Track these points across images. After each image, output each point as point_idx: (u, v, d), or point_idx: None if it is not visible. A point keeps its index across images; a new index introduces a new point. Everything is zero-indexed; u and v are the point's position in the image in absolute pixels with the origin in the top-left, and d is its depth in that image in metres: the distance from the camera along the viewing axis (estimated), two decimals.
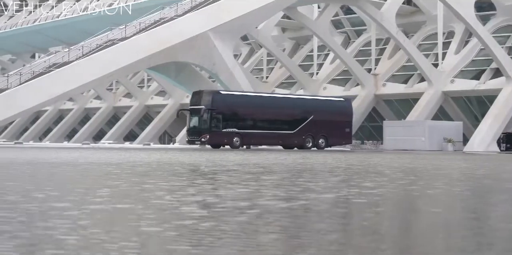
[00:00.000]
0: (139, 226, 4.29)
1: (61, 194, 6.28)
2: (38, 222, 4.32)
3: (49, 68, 44.91)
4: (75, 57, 46.05)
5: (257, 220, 4.73)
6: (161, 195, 6.33)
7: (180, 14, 50.26)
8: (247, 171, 11.87)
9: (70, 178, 9.13)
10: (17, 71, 47.17)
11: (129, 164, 13.96)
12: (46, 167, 12.08)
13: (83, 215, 4.75)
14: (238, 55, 73.10)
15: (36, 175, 9.77)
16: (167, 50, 47.53)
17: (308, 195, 6.72)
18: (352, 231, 4.47)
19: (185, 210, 5.19)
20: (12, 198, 5.82)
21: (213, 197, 6.29)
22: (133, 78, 77.08)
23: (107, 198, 5.88)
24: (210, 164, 14.40)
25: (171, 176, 9.56)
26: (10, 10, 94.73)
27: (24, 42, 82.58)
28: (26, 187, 7.08)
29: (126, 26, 49.00)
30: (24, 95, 42.96)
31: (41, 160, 15.65)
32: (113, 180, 8.40)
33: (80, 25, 72.23)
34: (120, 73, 50.35)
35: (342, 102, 49.73)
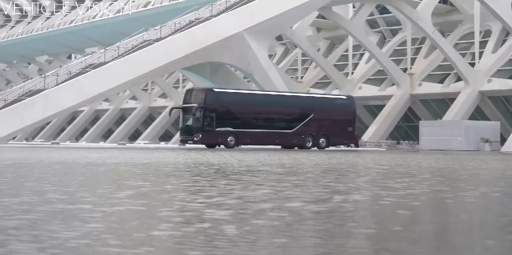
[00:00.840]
0: (157, 229, 4.24)
1: (79, 195, 6.27)
2: (46, 225, 4.29)
3: (85, 69, 45.24)
4: (111, 57, 46.33)
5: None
6: (183, 197, 6.26)
7: (215, 15, 50.32)
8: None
9: (95, 178, 9.15)
10: (54, 72, 47.57)
11: (158, 164, 13.97)
12: (74, 167, 12.13)
13: (99, 217, 4.69)
14: (273, 55, 73.04)
15: (61, 175, 9.80)
16: (202, 50, 47.62)
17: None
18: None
19: (217, 213, 5.14)
20: (26, 198, 5.82)
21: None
22: (168, 79, 77.38)
23: (126, 200, 5.85)
24: (238, 164, 14.36)
25: (195, 176, 9.54)
26: (47, 11, 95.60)
27: (61, 43, 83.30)
28: (45, 187, 7.09)
29: (162, 27, 49.18)
30: (60, 96, 43.33)
31: (71, 159, 15.75)
32: (137, 181, 8.41)
33: (116, 26, 72.67)
34: (155, 74, 50.54)
35: (344, 100, 47.98)
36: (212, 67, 50.84)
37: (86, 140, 76.12)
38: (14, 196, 6.12)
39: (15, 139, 57.63)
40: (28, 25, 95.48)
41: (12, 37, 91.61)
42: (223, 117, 41.44)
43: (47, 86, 44.33)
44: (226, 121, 41.49)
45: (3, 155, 18.69)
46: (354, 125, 46.94)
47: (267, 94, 46.08)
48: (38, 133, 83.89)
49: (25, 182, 7.96)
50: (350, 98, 47.94)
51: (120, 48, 47.30)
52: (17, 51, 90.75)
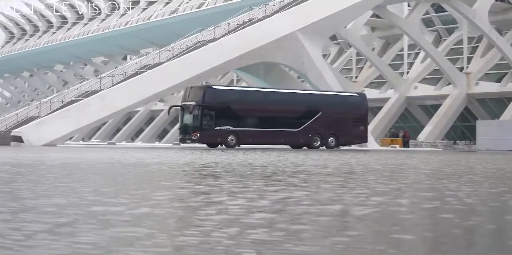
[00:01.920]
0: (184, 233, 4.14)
1: (109, 196, 6.22)
2: (64, 226, 4.24)
3: (141, 70, 45.60)
4: (166, 58, 46.61)
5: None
6: (222, 199, 6.16)
7: (269, 15, 50.28)
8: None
9: (133, 179, 9.14)
10: (110, 73, 48.06)
11: (201, 164, 13.94)
12: (117, 167, 12.15)
13: (130, 219, 4.60)
14: (327, 55, 72.78)
15: (101, 175, 9.81)
16: (256, 50, 47.61)
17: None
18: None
19: (261, 217, 5.05)
20: (56, 200, 5.80)
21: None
22: (222, 79, 77.60)
23: (160, 202, 5.77)
24: (284, 165, 14.24)
25: (238, 177, 9.45)
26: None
27: (116, 44, 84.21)
28: (80, 188, 7.08)
29: (216, 27, 49.31)
30: (116, 97, 43.75)
31: (116, 159, 15.82)
32: (179, 181, 8.36)
33: (171, 26, 73.16)
34: (209, 74, 50.71)
35: (355, 98, 46.27)
36: (266, 67, 50.79)
37: (141, 140, 76.78)
38: (45, 197, 6.09)
39: (72, 139, 58.36)
40: (84, 27, 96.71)
41: (68, 39, 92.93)
42: (223, 116, 39.96)
43: (103, 87, 44.81)
44: (226, 120, 40.01)
45: (53, 155, 18.89)
46: (366, 124, 45.32)
47: (270, 91, 44.64)
48: (95, 133, 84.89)
49: (61, 183, 7.96)
50: (361, 96, 46.28)
51: (174, 49, 47.56)
52: (73, 52, 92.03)
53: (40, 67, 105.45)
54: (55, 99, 45.43)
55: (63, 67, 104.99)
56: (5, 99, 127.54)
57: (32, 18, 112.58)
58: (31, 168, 11.70)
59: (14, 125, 43.17)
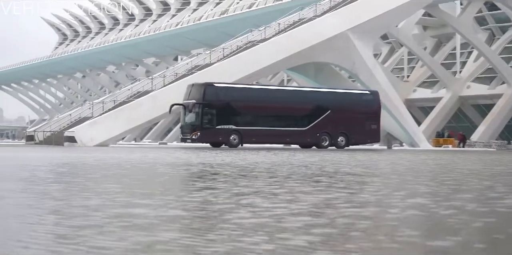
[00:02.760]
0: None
1: (137, 197, 6.16)
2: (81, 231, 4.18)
3: (192, 70, 45.75)
4: (216, 59, 46.71)
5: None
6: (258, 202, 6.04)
7: (319, 15, 50.09)
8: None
9: (170, 180, 9.10)
10: (161, 73, 48.34)
11: (244, 164, 13.87)
12: (159, 168, 12.14)
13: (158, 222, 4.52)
14: (378, 54, 72.28)
15: (138, 176, 9.79)
16: (306, 50, 47.46)
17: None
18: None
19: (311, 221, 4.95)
20: (83, 201, 5.76)
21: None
22: (273, 79, 77.57)
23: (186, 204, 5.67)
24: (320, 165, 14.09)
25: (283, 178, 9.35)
26: (153, 14, 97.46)
27: (167, 45, 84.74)
28: (111, 189, 7.04)
29: (266, 27, 49.28)
30: (167, 97, 43.91)
31: (163, 160, 15.84)
32: (217, 182, 8.29)
33: (221, 27, 73.36)
34: (260, 74, 50.69)
35: (367, 95, 44.08)
36: (316, 67, 50.61)
37: None
38: (75, 197, 6.06)
39: (124, 139, 58.85)
40: (136, 28, 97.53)
41: (120, 40, 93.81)
42: (225, 114, 38.50)
43: (155, 88, 45.09)
44: (229, 118, 38.61)
45: (99, 155, 18.99)
46: (378, 123, 42.94)
47: (275, 89, 43.09)
48: (147, 133, 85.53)
49: (94, 183, 7.95)
50: (374, 93, 44.03)
51: (225, 49, 47.64)
52: (125, 53, 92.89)
53: (92, 68, 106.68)
54: (107, 99, 45.85)
55: (115, 68, 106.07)
56: (58, 100, 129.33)
57: (85, 20, 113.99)
58: (74, 168, 11.77)
59: (68, 126, 43.69)
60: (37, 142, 45.23)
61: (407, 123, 51.84)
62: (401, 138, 54.60)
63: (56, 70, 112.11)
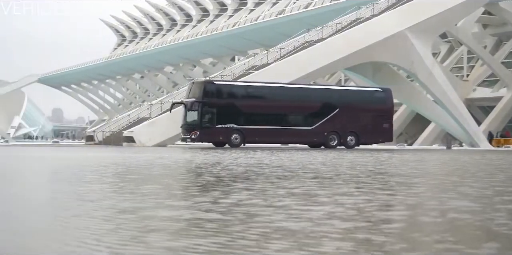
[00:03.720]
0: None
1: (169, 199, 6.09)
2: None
3: (248, 71, 45.82)
4: (273, 59, 46.71)
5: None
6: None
7: (376, 14, 49.74)
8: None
9: (209, 181, 9.02)
10: (218, 74, 48.52)
11: (290, 164, 13.76)
12: (201, 168, 12.10)
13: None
14: (437, 53, 71.46)
15: (177, 176, 9.75)
16: (364, 50, 47.18)
17: None
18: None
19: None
20: (114, 202, 5.71)
21: None
22: (330, 79, 77.29)
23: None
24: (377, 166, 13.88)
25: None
26: (210, 15, 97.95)
27: (224, 45, 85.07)
28: (149, 190, 6.98)
29: (323, 27, 49.10)
30: None
31: (209, 160, 15.83)
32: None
33: (278, 27, 73.36)
34: (317, 74, 50.56)
35: (378, 93, 42.23)
36: (374, 66, 50.26)
37: None
38: (106, 198, 6.03)
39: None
40: (193, 29, 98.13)
41: (178, 41, 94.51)
42: (226, 113, 37.30)
43: None
44: (230, 117, 37.39)
45: (147, 155, 19.10)
46: (391, 121, 41.28)
47: (279, 86, 41.35)
48: None
49: (127, 183, 7.93)
50: (386, 91, 42.07)
51: (282, 49, 47.62)
52: (183, 54, 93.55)
53: (150, 69, 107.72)
54: (166, 100, 46.19)
55: (173, 68, 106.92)
56: (117, 101, 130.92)
57: (143, 21, 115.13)
58: (121, 167, 11.82)
59: (126, 126, 44.16)
60: (96, 143, 45.80)
61: (467, 123, 51.18)
62: (461, 138, 53.93)
63: (114, 71, 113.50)
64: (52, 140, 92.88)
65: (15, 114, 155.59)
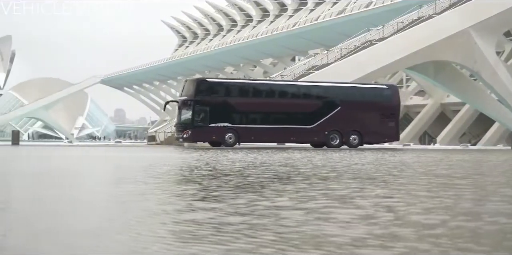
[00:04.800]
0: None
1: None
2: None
3: (309, 71, 45.71)
4: (334, 59, 46.51)
5: None
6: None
7: (438, 12, 49.11)
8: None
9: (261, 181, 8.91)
10: (278, 74, 48.50)
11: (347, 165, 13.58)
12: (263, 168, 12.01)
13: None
14: (501, 52, 70.19)
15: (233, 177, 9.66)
16: (425, 49, 46.66)
17: None
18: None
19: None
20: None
21: None
22: (391, 78, 76.58)
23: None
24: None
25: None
26: (271, 15, 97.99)
27: (285, 45, 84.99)
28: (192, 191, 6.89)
29: (384, 27, 48.69)
30: None
31: (272, 160, 15.74)
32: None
33: (338, 27, 73.00)
34: (378, 74, 50.15)
35: (383, 90, 40.75)
36: (436, 66, 49.63)
37: None
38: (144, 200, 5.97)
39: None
40: (254, 29, 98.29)
41: (238, 41, 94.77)
42: (219, 111, 36.38)
43: None
44: (224, 116, 36.51)
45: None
46: (397, 120, 39.93)
47: (275, 84, 40.41)
48: None
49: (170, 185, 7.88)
50: (392, 88, 40.78)
51: (342, 49, 47.37)
52: (243, 54, 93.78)
53: (211, 70, 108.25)
54: None
55: (233, 69, 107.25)
56: None
57: (203, 22, 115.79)
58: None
59: None
60: (158, 143, 46.21)
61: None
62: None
63: (176, 72, 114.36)
64: (114, 140, 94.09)
65: (78, 114, 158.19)
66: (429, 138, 72.95)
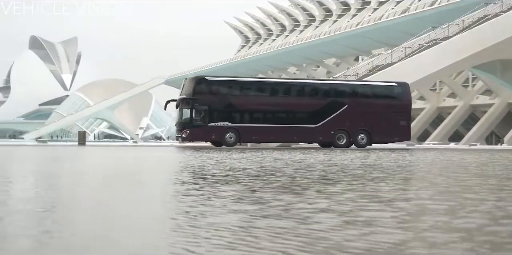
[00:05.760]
0: None
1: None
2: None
3: (372, 70, 45.47)
4: (398, 58, 46.16)
5: None
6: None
7: (505, 10, 48.29)
8: None
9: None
10: (341, 74, 48.39)
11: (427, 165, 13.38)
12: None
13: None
14: None
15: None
16: (492, 47, 45.96)
17: None
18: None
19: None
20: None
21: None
22: (457, 78, 75.52)
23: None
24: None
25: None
26: (333, 15, 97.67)
27: (348, 45, 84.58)
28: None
29: (449, 25, 48.08)
30: None
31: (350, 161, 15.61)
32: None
33: (402, 26, 72.31)
34: (442, 73, 49.61)
35: (394, 88, 39.26)
36: (503, 64, 48.96)
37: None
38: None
39: None
40: (316, 29, 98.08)
41: (301, 42, 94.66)
42: (219, 110, 35.96)
43: None
44: (224, 115, 36.03)
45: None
46: (408, 118, 38.79)
47: (278, 82, 39.59)
48: None
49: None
50: (403, 85, 39.18)
51: (406, 48, 46.97)
52: (306, 54, 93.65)
53: (274, 70, 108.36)
54: None
55: (296, 69, 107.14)
56: None
57: (266, 22, 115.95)
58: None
59: None
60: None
61: None
62: None
63: (239, 72, 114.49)
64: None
65: (143, 115, 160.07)
66: (496, 138, 71.72)
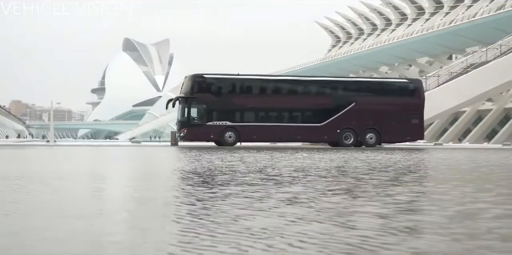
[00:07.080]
0: None
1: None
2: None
3: (467, 69, 44.60)
4: (493, 56, 45.15)
5: None
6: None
7: None
8: None
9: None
10: (435, 73, 47.63)
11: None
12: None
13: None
14: None
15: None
16: None
17: None
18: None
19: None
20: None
21: None
22: None
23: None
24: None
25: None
26: (426, 13, 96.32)
27: (440, 43, 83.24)
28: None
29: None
30: (442, 97, 43.14)
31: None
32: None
33: (497, 23, 70.68)
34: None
35: (406, 85, 37.81)
36: None
37: (469, 141, 75.07)
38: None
39: None
40: (408, 28, 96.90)
41: (392, 40, 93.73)
42: (218, 109, 34.98)
43: (428, 88, 44.46)
44: (223, 114, 34.95)
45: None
46: (421, 117, 36.54)
47: (280, 79, 38.25)
48: None
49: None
50: (415, 82, 37.69)
51: (502, 46, 45.86)
52: (398, 53, 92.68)
53: (365, 69, 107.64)
54: None
55: (388, 68, 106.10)
56: None
57: (357, 22, 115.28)
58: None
59: None
60: None
61: None
62: None
63: (329, 72, 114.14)
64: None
65: None
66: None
